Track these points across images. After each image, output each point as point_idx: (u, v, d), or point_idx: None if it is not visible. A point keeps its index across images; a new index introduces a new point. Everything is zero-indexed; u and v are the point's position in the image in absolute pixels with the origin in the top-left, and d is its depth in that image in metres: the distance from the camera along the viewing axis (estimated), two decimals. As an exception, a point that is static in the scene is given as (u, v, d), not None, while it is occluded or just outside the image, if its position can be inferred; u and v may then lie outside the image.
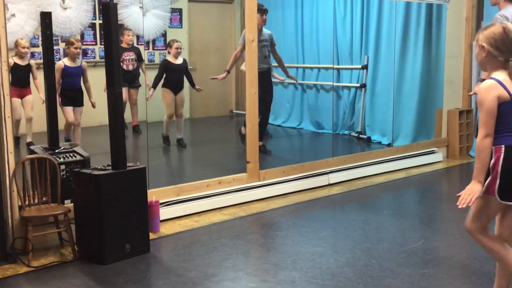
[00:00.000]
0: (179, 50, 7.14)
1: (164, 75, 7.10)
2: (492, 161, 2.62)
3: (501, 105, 2.59)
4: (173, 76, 7.12)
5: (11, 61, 5.73)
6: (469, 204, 2.57)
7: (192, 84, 7.32)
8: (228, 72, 6.85)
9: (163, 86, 7.14)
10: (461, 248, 3.93)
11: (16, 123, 5.77)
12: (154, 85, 7.00)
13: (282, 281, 3.40)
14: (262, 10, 6.51)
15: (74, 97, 6.00)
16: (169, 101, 7.16)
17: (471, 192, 2.58)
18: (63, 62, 5.92)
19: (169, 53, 7.22)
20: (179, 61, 7.17)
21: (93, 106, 6.18)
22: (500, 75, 2.64)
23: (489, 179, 2.62)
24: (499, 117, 2.60)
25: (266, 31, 6.70)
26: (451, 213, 4.95)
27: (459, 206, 2.58)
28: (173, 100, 7.16)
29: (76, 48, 5.91)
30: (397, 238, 4.13)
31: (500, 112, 2.59)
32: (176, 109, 7.23)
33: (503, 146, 2.61)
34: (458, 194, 2.62)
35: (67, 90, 5.95)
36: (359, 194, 5.46)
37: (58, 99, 5.80)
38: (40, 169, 3.96)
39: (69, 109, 5.97)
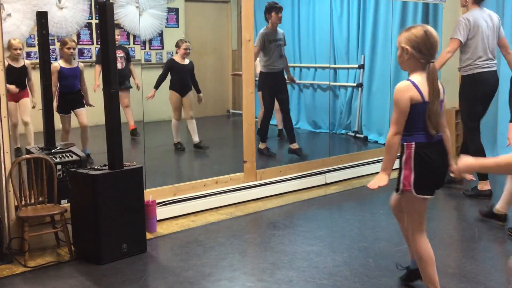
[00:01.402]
0: (188, 51, 6.95)
1: (170, 76, 6.93)
2: (404, 157, 2.81)
3: (414, 106, 2.73)
4: (179, 77, 6.95)
5: (5, 63, 5.60)
6: (376, 188, 2.77)
7: (197, 90, 7.14)
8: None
9: (170, 88, 6.97)
10: (457, 248, 3.94)
11: (13, 128, 5.52)
12: (157, 85, 6.84)
13: (279, 280, 3.40)
14: (277, 8, 6.39)
15: (73, 100, 5.78)
16: (176, 104, 6.98)
17: (379, 181, 2.78)
18: (58, 64, 5.71)
19: (176, 53, 7.05)
20: (186, 62, 7.00)
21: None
22: (417, 77, 2.76)
23: (402, 175, 2.82)
24: (411, 117, 2.74)
25: (279, 30, 6.60)
26: (447, 212, 4.97)
27: (370, 188, 2.78)
28: (180, 103, 6.99)
29: (69, 48, 5.69)
30: (394, 237, 4.13)
31: (412, 112, 2.73)
32: (185, 112, 7.04)
33: (413, 143, 2.77)
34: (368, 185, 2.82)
35: (66, 93, 5.73)
36: (356, 194, 5.47)
37: (55, 105, 5.58)
38: (37, 169, 3.96)
39: (65, 117, 5.74)
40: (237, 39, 9.57)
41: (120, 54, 7.10)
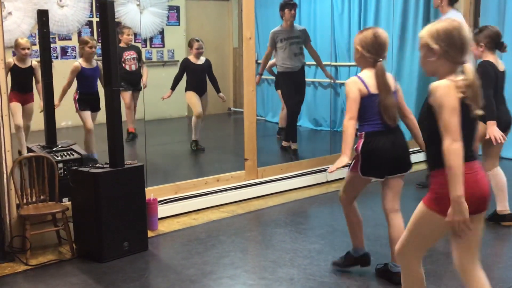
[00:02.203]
0: (200, 51, 6.75)
1: (186, 77, 6.77)
2: (356, 144, 3.19)
3: (363, 99, 3.11)
4: (195, 77, 6.76)
5: (11, 62, 5.33)
6: (334, 170, 3.07)
7: (217, 89, 6.94)
8: (261, 75, 6.65)
9: (186, 89, 6.81)
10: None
11: (17, 129, 5.32)
12: (173, 86, 6.69)
13: (281, 278, 3.41)
14: (290, 5, 6.29)
15: (92, 101, 5.58)
16: (195, 100, 6.76)
17: (338, 163, 3.07)
18: (79, 64, 5.48)
19: (190, 52, 6.90)
20: (201, 61, 6.80)
21: None
22: (366, 73, 3.16)
23: (354, 159, 3.21)
24: (362, 110, 3.11)
25: (298, 26, 6.49)
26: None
27: (328, 172, 3.17)
28: (199, 99, 6.78)
29: (90, 47, 5.46)
30: (395, 235, 4.13)
31: (362, 105, 3.11)
32: None
33: (363, 132, 3.17)
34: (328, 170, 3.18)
35: (85, 94, 5.53)
36: (357, 191, 5.46)
37: (75, 105, 5.51)
38: (38, 167, 3.97)
39: (88, 114, 5.53)
40: (238, 37, 9.57)
41: (133, 55, 6.94)
